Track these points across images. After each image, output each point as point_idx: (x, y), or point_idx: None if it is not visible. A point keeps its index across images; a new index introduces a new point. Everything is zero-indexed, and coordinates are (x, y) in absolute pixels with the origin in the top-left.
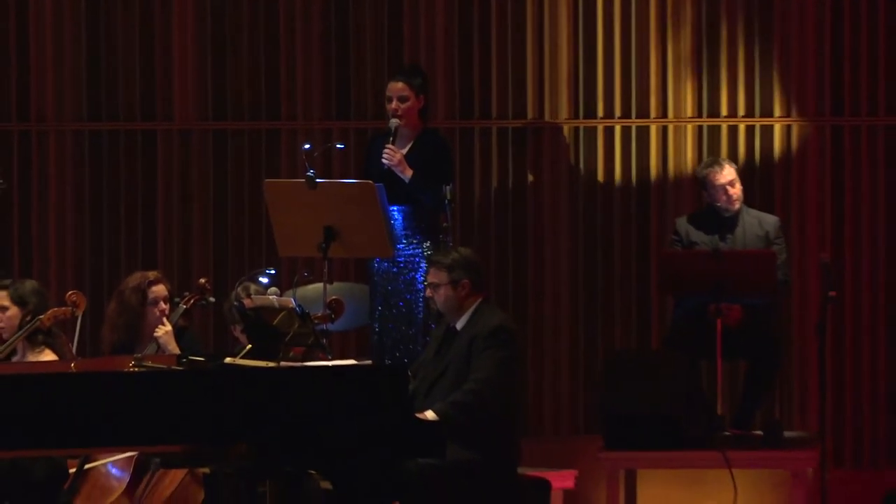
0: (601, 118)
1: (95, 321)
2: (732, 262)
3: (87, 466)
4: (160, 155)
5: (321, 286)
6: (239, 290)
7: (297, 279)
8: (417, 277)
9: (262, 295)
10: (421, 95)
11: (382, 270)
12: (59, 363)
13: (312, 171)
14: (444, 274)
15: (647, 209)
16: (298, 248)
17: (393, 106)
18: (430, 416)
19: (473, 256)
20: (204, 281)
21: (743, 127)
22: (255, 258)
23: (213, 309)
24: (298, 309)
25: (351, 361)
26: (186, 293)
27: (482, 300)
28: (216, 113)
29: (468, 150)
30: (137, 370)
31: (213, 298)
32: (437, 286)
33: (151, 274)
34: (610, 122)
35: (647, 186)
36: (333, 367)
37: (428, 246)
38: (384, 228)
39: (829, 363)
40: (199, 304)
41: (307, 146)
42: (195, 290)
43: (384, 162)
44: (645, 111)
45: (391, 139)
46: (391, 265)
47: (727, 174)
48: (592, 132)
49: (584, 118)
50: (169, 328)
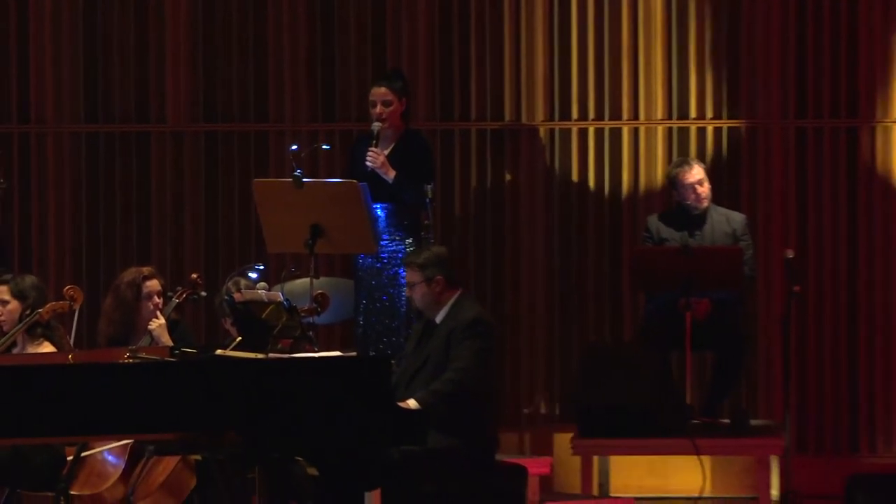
0: (575, 120)
1: (92, 315)
2: (701, 258)
3: (84, 454)
4: (154, 156)
5: (308, 281)
6: (229, 284)
7: (284, 274)
8: (400, 272)
9: (251, 289)
10: (403, 98)
11: (367, 266)
12: (57, 355)
13: (299, 170)
14: (417, 273)
15: (619, 207)
16: (286, 244)
17: (377, 110)
18: (412, 404)
19: (445, 253)
20: (196, 276)
21: (711, 128)
22: (244, 254)
23: (204, 303)
24: (286, 303)
25: (336, 353)
26: (179, 288)
27: (460, 294)
28: (207, 116)
29: (448, 150)
30: (132, 361)
31: (204, 293)
32: (413, 285)
33: (145, 269)
34: (584, 123)
35: (619, 185)
36: (319, 358)
37: (410, 242)
38: (368, 226)
39: (792, 355)
40: (191, 298)
41: (294, 147)
42: (187, 284)
43: (368, 164)
44: (617, 113)
45: (374, 142)
46: (375, 261)
47: (696, 174)
48: (567, 134)
49: (559, 120)
50: (162, 321)
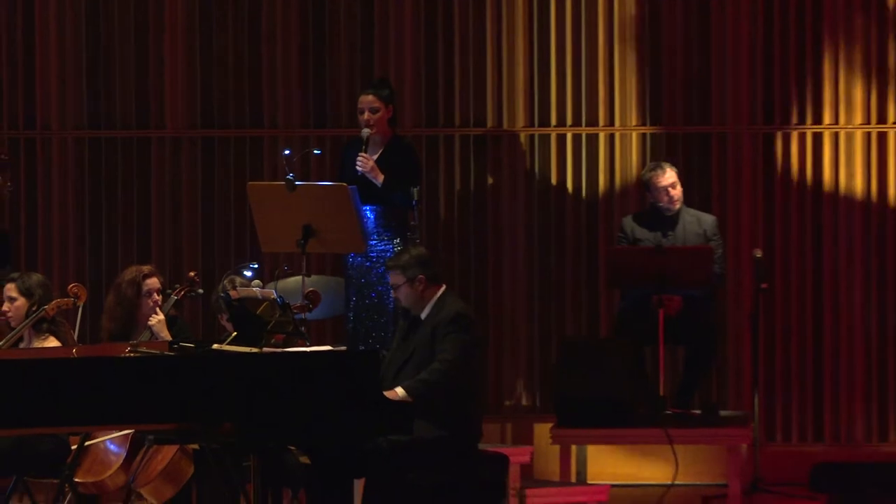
0: (554, 126)
1: (95, 311)
2: (673, 257)
3: (87, 443)
4: (153, 160)
5: (300, 279)
6: (225, 282)
7: (278, 272)
8: None
9: (246, 287)
10: (390, 106)
11: (356, 264)
12: (62, 349)
13: (292, 174)
14: (400, 275)
15: (595, 209)
16: (279, 244)
17: (365, 117)
18: (399, 392)
19: (425, 253)
20: (193, 274)
21: (682, 135)
22: (240, 253)
23: (201, 300)
24: (279, 300)
25: (327, 347)
26: (177, 285)
27: (444, 291)
28: (205, 122)
29: (434, 155)
30: (133, 355)
31: (201, 290)
32: (397, 287)
33: (145, 268)
34: (562, 130)
35: (595, 188)
36: (311, 352)
37: (398, 242)
38: (357, 226)
39: (760, 348)
40: (188, 295)
41: (287, 152)
42: (185, 282)
43: (358, 168)
44: (594, 120)
45: (364, 148)
46: (364, 260)
47: (669, 177)
48: (546, 139)
49: (538, 126)
50: (161, 317)
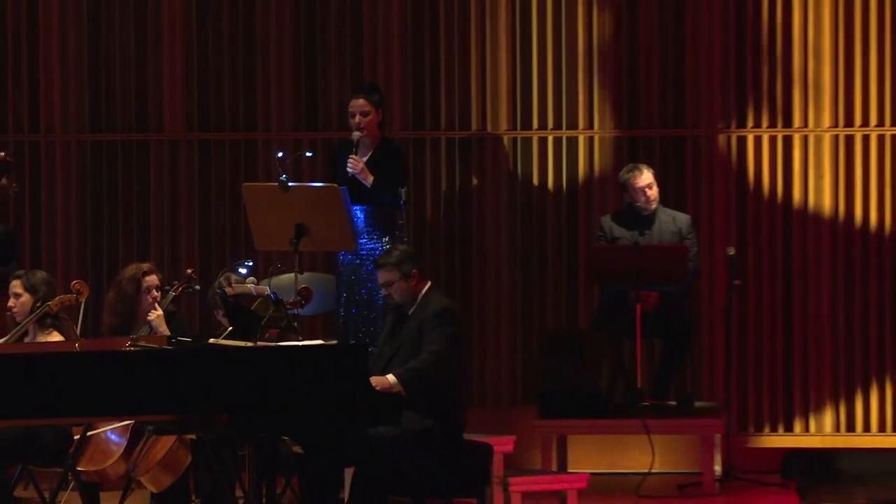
0: (536, 129)
1: (96, 307)
2: (650, 254)
3: (89, 433)
4: (152, 162)
5: (293, 276)
6: (221, 279)
7: (271, 270)
8: None
9: (241, 284)
10: (379, 109)
11: (347, 262)
12: (65, 343)
13: (285, 175)
14: (394, 272)
15: (575, 209)
16: (273, 243)
17: (356, 120)
18: (391, 378)
19: (411, 249)
20: (191, 271)
21: (658, 137)
22: (235, 252)
23: (198, 296)
24: (273, 296)
25: (319, 342)
26: (175, 282)
27: (429, 287)
28: (201, 125)
29: (420, 157)
30: (133, 349)
31: (198, 287)
32: (390, 283)
33: (145, 265)
34: (544, 133)
35: (575, 189)
36: (303, 346)
37: (386, 241)
38: (348, 225)
39: (733, 342)
40: (186, 291)
41: (280, 154)
42: (183, 279)
43: (349, 170)
44: (574, 123)
45: (354, 150)
46: (355, 257)
47: (645, 178)
48: (528, 142)
49: (521, 129)
50: (160, 313)
